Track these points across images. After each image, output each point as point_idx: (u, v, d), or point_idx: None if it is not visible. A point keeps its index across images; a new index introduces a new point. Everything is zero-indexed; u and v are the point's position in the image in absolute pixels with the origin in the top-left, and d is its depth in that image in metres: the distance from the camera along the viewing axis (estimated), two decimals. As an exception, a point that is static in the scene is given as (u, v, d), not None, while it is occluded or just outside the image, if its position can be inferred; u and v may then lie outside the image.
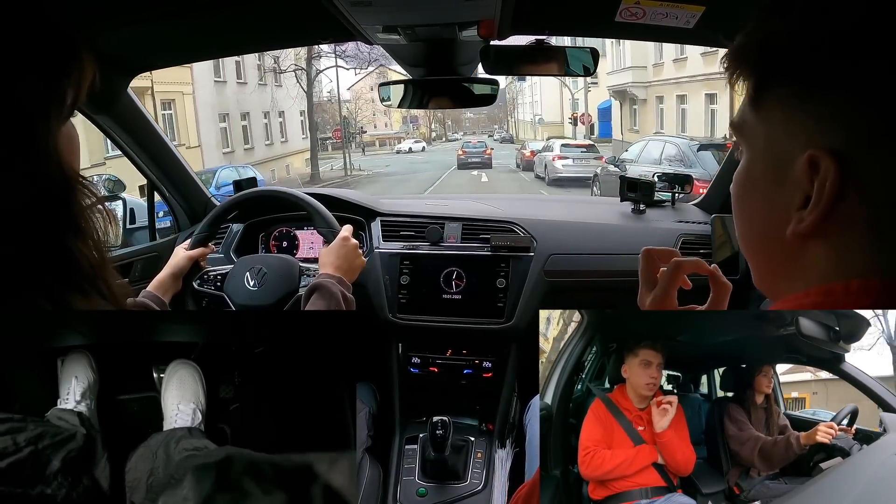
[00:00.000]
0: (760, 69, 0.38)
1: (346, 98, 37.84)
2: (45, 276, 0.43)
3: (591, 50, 1.16)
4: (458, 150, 21.50)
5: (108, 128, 1.32)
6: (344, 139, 22.58)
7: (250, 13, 1.03)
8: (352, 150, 24.99)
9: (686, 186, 1.55)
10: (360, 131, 33.48)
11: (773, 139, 0.38)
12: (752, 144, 0.40)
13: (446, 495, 1.26)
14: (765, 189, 0.39)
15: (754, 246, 0.42)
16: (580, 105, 23.96)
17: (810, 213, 0.35)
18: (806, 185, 0.35)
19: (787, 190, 0.36)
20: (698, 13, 0.95)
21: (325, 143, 31.09)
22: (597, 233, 1.43)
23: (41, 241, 0.43)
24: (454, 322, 1.36)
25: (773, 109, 0.38)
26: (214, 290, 1.19)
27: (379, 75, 20.28)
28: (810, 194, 0.35)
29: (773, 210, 0.38)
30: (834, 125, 0.34)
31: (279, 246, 1.54)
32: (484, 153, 20.61)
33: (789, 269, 0.39)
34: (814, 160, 0.34)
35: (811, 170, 0.35)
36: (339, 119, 24.83)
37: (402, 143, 37.96)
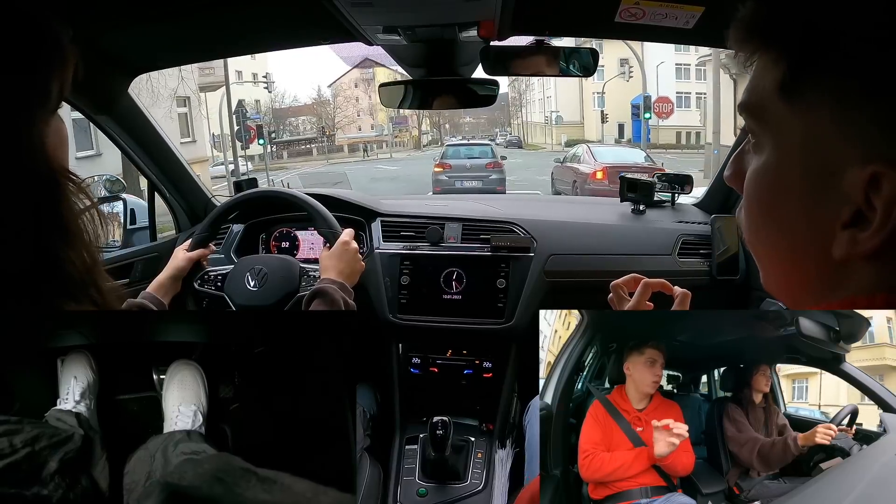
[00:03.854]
0: (798, 52, 0.31)
1: (326, 96, 35.38)
2: (35, 281, 0.41)
3: (590, 50, 1.16)
4: (435, 161, 11.06)
5: (108, 128, 1.32)
6: (264, 142, 16.80)
7: (250, 14, 1.03)
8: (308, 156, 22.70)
9: (686, 186, 1.55)
10: (323, 133, 30.18)
11: (815, 140, 0.31)
12: (780, 140, 0.33)
13: (446, 495, 1.26)
14: (801, 198, 0.33)
15: (781, 258, 0.36)
16: (604, 100, 20.65)
17: (872, 237, 0.30)
18: (859, 201, 0.30)
19: (831, 203, 0.31)
20: (698, 13, 0.95)
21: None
22: (597, 233, 1.43)
23: (28, 244, 0.41)
24: (454, 322, 1.36)
25: (816, 105, 0.31)
26: (215, 290, 1.19)
27: (364, 71, 18.93)
28: (862, 210, 0.30)
29: (812, 224, 0.32)
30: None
31: (279, 246, 1.54)
32: (487, 167, 10.41)
33: (822, 284, 0.34)
34: (877, 176, 0.29)
35: (870, 186, 0.29)
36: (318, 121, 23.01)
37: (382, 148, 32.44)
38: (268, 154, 18.03)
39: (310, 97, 33.56)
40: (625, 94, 19.77)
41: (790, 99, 0.32)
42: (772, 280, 0.38)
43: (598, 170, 9.09)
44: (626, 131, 22.42)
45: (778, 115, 0.33)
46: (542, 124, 33.26)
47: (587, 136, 24.84)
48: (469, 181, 9.94)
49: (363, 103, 37.84)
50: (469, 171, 10.20)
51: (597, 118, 22.40)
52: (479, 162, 10.42)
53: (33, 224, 0.41)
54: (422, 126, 42.44)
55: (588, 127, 26.15)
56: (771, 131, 0.34)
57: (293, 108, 34.27)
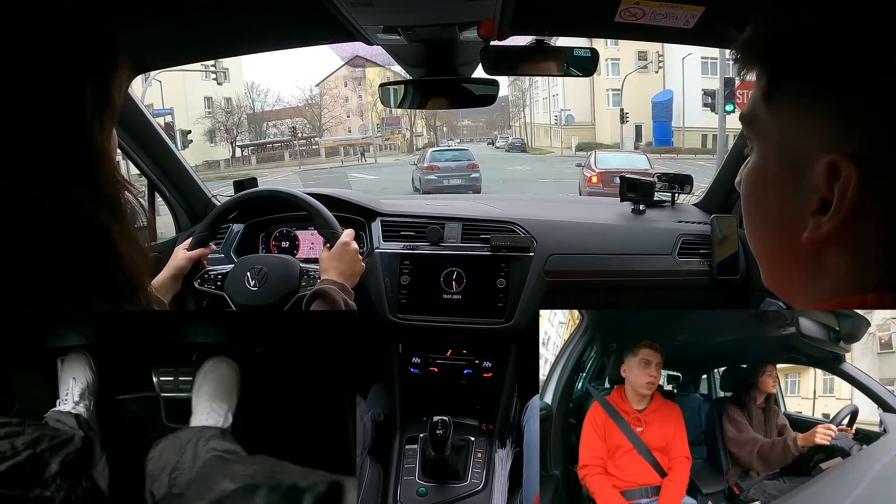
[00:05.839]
0: (774, 64, 0.36)
1: (314, 95, 32.65)
2: (101, 280, 0.44)
3: (590, 50, 1.16)
4: (423, 163, 12.81)
5: None
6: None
7: (250, 14, 1.03)
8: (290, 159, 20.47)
9: (686, 186, 1.55)
10: (294, 135, 27.98)
11: (787, 138, 0.36)
12: (763, 141, 0.38)
13: (446, 495, 1.26)
14: (778, 190, 0.37)
15: (766, 247, 0.40)
16: (621, 98, 17.70)
17: (830, 220, 0.33)
18: (824, 190, 0.33)
19: (802, 193, 0.35)
20: (698, 13, 0.95)
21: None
22: (597, 233, 1.43)
23: (96, 246, 0.44)
24: (454, 322, 1.36)
25: (787, 107, 0.36)
26: (215, 290, 1.19)
27: (354, 70, 17.58)
28: (827, 198, 0.33)
29: (787, 213, 0.36)
30: (855, 127, 0.32)
31: (279, 246, 1.54)
32: (468, 167, 12.45)
33: (802, 273, 0.37)
34: (834, 165, 0.33)
35: (830, 174, 0.33)
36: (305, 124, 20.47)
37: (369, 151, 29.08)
38: (233, 160, 17.24)
39: (293, 96, 32.17)
40: (644, 91, 17.64)
41: (770, 105, 0.37)
42: (766, 272, 0.42)
43: (594, 175, 10.02)
44: (643, 134, 19.51)
45: (762, 120, 0.38)
46: (547, 126, 30.31)
47: (599, 138, 21.83)
48: (454, 179, 12.09)
49: (352, 103, 35.42)
50: (454, 171, 12.31)
51: (611, 118, 19.73)
52: (462, 164, 12.56)
53: (102, 228, 0.44)
54: (416, 128, 39.16)
55: (601, 129, 22.87)
56: (758, 135, 0.39)
57: (273, 112, 31.98)
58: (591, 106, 25.17)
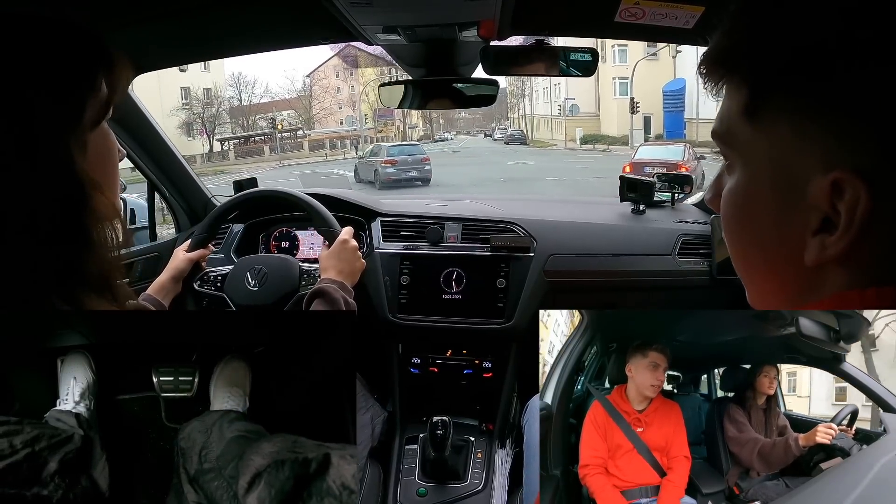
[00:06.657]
0: (756, 77, 0.33)
1: (304, 87, 30.81)
2: (59, 279, 0.44)
3: (590, 50, 1.16)
4: (381, 157, 13.91)
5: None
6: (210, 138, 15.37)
7: (251, 14, 1.03)
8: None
9: (686, 186, 1.55)
10: (274, 126, 25.49)
11: (777, 156, 0.33)
12: (748, 160, 0.35)
13: (446, 495, 1.26)
14: (772, 211, 0.34)
15: (757, 269, 0.38)
16: (629, 86, 15.97)
17: (839, 241, 0.31)
18: (825, 208, 0.31)
19: (800, 212, 0.32)
20: (698, 13, 0.95)
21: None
22: (597, 233, 1.43)
23: (55, 245, 0.43)
24: (454, 322, 1.36)
25: (777, 123, 0.32)
26: (215, 290, 1.19)
27: (343, 60, 16.48)
28: (829, 217, 0.31)
29: (784, 234, 0.34)
30: (860, 142, 0.30)
31: (279, 246, 1.54)
32: (422, 161, 13.75)
33: (802, 293, 0.35)
34: (838, 183, 0.30)
35: (834, 192, 0.30)
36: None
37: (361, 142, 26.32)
38: (209, 154, 16.16)
39: (281, 87, 30.95)
40: (653, 80, 16.09)
41: (753, 120, 0.34)
42: (755, 293, 0.40)
43: (627, 164, 10.09)
44: (653, 125, 17.55)
45: (744, 136, 0.35)
46: (548, 117, 28.28)
47: (604, 129, 20.09)
48: (411, 171, 13.39)
49: (344, 94, 33.42)
50: (411, 164, 13.58)
51: (619, 108, 18.17)
52: (417, 157, 13.88)
53: (62, 228, 0.43)
54: (409, 119, 36.96)
55: (607, 119, 20.72)
56: (739, 152, 0.36)
57: (261, 105, 30.05)
58: (595, 95, 23.59)
